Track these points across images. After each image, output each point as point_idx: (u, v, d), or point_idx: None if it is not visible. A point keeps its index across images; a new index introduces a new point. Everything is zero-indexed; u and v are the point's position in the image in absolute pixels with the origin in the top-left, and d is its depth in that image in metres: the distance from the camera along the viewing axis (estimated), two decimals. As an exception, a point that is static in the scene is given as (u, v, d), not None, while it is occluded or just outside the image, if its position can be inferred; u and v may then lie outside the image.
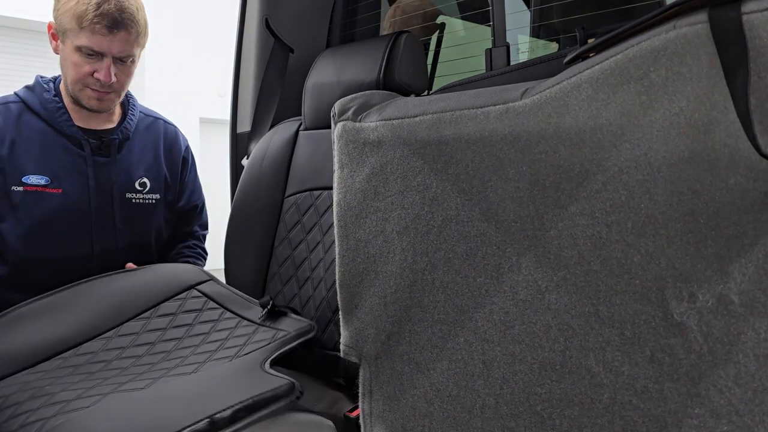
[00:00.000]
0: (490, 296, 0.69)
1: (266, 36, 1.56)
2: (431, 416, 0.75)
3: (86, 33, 1.18)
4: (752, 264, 0.51)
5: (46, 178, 1.23)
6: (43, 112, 1.26)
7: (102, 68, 1.21)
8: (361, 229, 0.82)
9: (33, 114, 1.26)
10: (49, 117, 1.26)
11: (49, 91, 1.29)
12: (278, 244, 1.32)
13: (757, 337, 0.51)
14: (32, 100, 1.27)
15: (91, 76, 1.22)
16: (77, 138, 1.27)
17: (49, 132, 1.26)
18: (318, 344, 1.18)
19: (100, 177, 1.29)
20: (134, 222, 1.35)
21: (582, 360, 0.61)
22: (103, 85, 1.23)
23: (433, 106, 0.75)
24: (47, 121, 1.26)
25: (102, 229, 1.30)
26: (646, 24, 0.56)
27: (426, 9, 1.75)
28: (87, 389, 0.92)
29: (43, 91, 1.29)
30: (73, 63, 1.21)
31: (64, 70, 1.25)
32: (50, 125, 1.26)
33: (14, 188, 1.21)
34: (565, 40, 1.60)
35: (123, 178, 1.33)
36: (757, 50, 0.48)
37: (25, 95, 1.29)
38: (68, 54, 1.21)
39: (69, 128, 1.27)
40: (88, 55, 1.20)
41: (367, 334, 0.82)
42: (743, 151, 0.49)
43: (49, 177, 1.23)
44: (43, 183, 1.23)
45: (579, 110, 0.60)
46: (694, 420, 0.55)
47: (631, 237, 0.57)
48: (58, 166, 1.25)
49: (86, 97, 1.25)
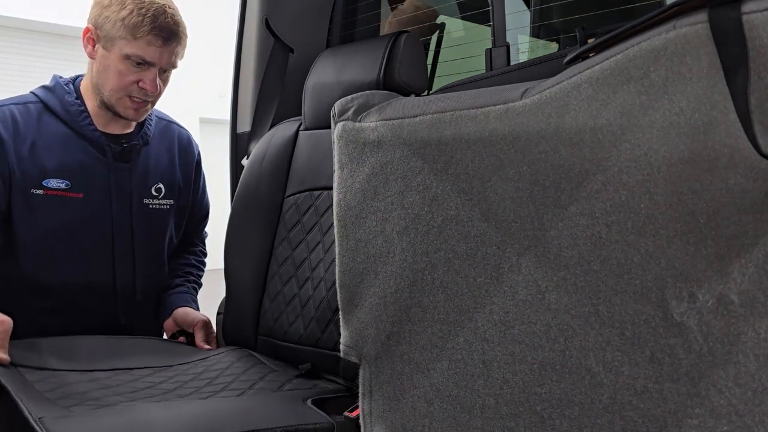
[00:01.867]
0: (490, 296, 0.69)
1: (266, 36, 1.56)
2: (431, 416, 0.75)
3: (140, 43, 1.17)
4: (752, 264, 0.51)
5: (67, 181, 1.21)
6: (64, 114, 1.24)
7: (148, 78, 1.21)
8: (361, 229, 0.82)
9: (53, 116, 1.24)
10: (71, 120, 1.24)
11: (70, 94, 1.26)
12: (278, 244, 1.32)
13: (757, 337, 0.51)
14: (53, 102, 1.25)
15: (135, 84, 1.21)
16: (100, 143, 1.25)
17: (70, 135, 1.24)
18: (318, 344, 1.18)
19: (121, 183, 1.28)
20: (150, 228, 1.35)
21: (582, 360, 0.61)
22: (146, 95, 1.23)
23: (433, 106, 0.75)
24: (68, 124, 1.24)
25: (121, 235, 1.30)
26: (646, 24, 0.56)
27: (423, 9, 1.75)
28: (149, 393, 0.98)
29: (64, 93, 1.26)
30: (118, 71, 1.19)
31: (103, 77, 1.22)
32: (71, 128, 1.24)
33: (34, 191, 1.19)
34: (565, 40, 1.60)
35: (141, 183, 1.32)
36: (757, 50, 0.48)
37: (44, 96, 1.26)
38: (113, 61, 1.19)
39: (92, 133, 1.25)
40: (137, 64, 1.19)
41: (367, 334, 0.82)
42: (743, 151, 0.49)
43: (70, 181, 1.22)
44: (63, 187, 1.21)
45: (579, 110, 0.60)
46: (694, 420, 0.55)
47: (631, 237, 0.57)
48: (79, 170, 1.23)
49: (124, 106, 1.23)
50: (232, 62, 1.64)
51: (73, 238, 1.24)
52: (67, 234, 1.23)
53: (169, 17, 1.20)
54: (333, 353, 1.13)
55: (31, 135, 1.21)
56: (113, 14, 1.18)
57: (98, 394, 0.95)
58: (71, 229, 1.23)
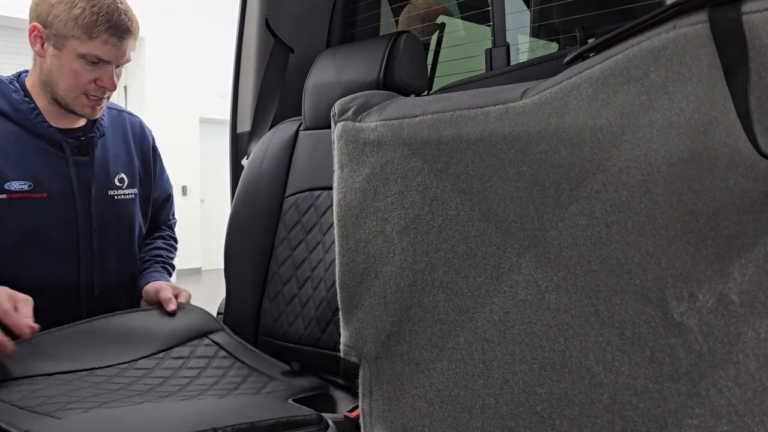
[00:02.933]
0: (490, 296, 0.69)
1: (266, 36, 1.56)
2: (431, 416, 0.75)
3: (96, 43, 1.15)
4: (752, 264, 0.51)
5: (29, 182, 1.18)
6: (14, 113, 1.20)
7: (105, 76, 1.19)
8: (361, 229, 0.82)
9: (2, 116, 1.20)
10: (22, 119, 1.20)
11: (17, 92, 1.22)
12: (278, 244, 1.32)
13: (757, 337, 0.51)
14: (0, 102, 1.20)
15: (92, 83, 1.19)
16: (56, 140, 1.22)
17: (23, 135, 1.20)
18: (318, 344, 1.18)
19: (82, 177, 1.26)
20: (118, 220, 1.33)
21: (582, 360, 0.62)
22: (103, 92, 1.21)
23: (433, 106, 0.75)
24: (19, 124, 1.20)
25: (87, 231, 1.27)
26: (646, 24, 0.56)
27: (434, 6, 1.76)
28: (115, 397, 0.95)
29: (10, 92, 1.22)
30: (74, 71, 1.17)
31: (56, 76, 1.19)
32: (23, 128, 1.20)
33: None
34: (565, 40, 1.60)
35: (103, 176, 1.29)
36: (757, 50, 0.48)
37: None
38: (67, 61, 1.17)
39: (46, 130, 1.22)
40: (92, 62, 1.17)
41: (367, 334, 0.82)
42: (743, 151, 0.49)
43: (32, 182, 1.19)
44: (26, 188, 1.18)
45: (579, 110, 0.60)
46: (694, 420, 0.55)
47: (631, 237, 0.57)
48: (38, 169, 1.20)
49: (81, 104, 1.21)
50: (232, 62, 1.64)
51: (42, 238, 1.21)
52: (35, 235, 1.20)
53: (122, 14, 1.17)
54: (333, 353, 1.13)
55: None
56: (63, 13, 1.14)
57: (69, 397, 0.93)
58: (39, 231, 1.20)
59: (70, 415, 0.85)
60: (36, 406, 0.88)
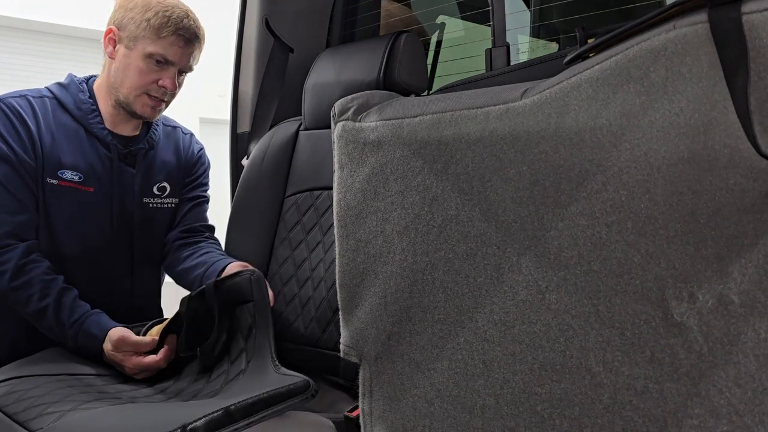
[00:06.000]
0: (491, 296, 0.69)
1: (266, 36, 1.56)
2: (432, 416, 0.75)
3: (164, 43, 1.23)
4: (752, 264, 0.51)
5: (80, 174, 1.25)
6: (76, 111, 1.28)
7: (167, 76, 1.26)
8: (361, 229, 0.82)
9: (65, 112, 1.28)
10: (82, 117, 1.28)
11: (84, 92, 1.31)
12: (278, 244, 1.32)
13: (757, 337, 0.51)
14: (66, 99, 1.29)
15: (154, 83, 1.26)
16: (107, 141, 1.29)
17: (81, 131, 1.28)
18: (318, 344, 1.18)
19: (123, 182, 1.32)
20: (151, 227, 1.37)
21: (582, 360, 0.62)
22: (163, 93, 1.28)
23: (433, 106, 0.75)
24: (79, 121, 1.28)
25: (117, 235, 1.32)
26: (646, 24, 0.56)
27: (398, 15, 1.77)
28: (102, 398, 0.95)
29: (78, 91, 1.30)
30: (139, 69, 1.24)
31: (123, 75, 1.26)
32: (82, 125, 1.28)
33: (49, 180, 1.23)
34: (565, 40, 1.60)
35: (142, 184, 1.35)
36: (757, 50, 0.48)
37: (58, 92, 1.30)
38: (134, 60, 1.24)
39: (100, 131, 1.29)
40: (158, 62, 1.24)
41: (367, 334, 0.82)
42: (743, 151, 0.49)
43: (83, 174, 1.26)
44: (77, 180, 1.25)
45: (579, 110, 0.60)
46: (694, 420, 0.55)
47: (631, 237, 0.57)
48: (90, 165, 1.27)
49: (141, 104, 1.28)
50: (232, 62, 1.64)
51: (79, 230, 1.27)
52: (74, 226, 1.26)
53: (191, 21, 1.28)
54: (333, 353, 1.13)
55: (48, 127, 1.25)
56: (138, 15, 1.24)
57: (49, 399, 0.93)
58: (77, 221, 1.26)
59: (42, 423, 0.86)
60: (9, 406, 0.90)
